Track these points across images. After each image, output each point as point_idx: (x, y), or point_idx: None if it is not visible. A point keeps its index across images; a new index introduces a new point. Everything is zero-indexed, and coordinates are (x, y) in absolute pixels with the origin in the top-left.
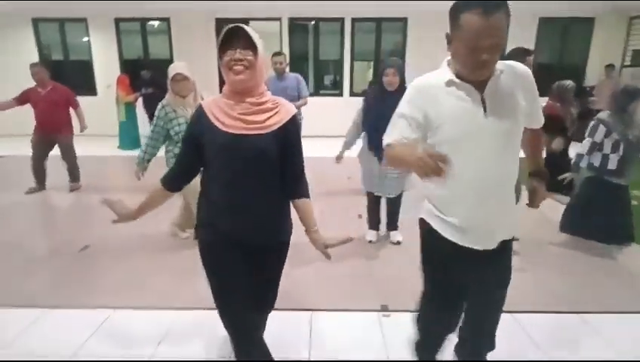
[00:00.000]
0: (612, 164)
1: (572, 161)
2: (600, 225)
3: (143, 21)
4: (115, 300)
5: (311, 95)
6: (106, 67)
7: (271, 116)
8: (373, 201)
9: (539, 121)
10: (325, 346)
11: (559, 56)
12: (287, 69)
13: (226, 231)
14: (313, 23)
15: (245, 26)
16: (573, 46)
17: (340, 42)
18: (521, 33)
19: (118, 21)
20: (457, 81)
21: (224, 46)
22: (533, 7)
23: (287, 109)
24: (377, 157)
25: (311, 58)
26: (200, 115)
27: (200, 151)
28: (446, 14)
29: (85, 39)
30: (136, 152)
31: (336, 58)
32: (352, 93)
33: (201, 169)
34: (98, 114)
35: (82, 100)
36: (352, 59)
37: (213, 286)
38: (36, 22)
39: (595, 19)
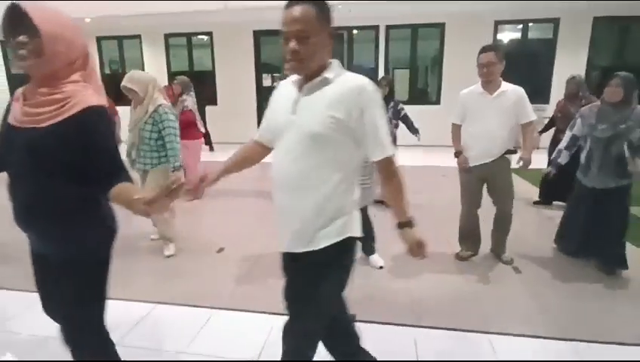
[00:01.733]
0: (582, 158)
1: (551, 157)
2: (580, 240)
3: (189, 36)
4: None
5: None
6: (157, 79)
7: (56, 108)
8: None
9: (378, 153)
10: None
11: (617, 57)
12: None
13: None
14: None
15: (29, 6)
16: (634, 46)
17: (375, 50)
18: (574, 33)
19: (167, 37)
20: (295, 78)
21: (9, 28)
22: (589, 6)
23: (80, 101)
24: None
25: (345, 66)
26: None
27: None
28: (484, 17)
29: (139, 54)
30: None
31: (371, 66)
32: None
33: None
34: None
35: None
36: (388, 67)
37: None
38: (99, 39)
39: None
